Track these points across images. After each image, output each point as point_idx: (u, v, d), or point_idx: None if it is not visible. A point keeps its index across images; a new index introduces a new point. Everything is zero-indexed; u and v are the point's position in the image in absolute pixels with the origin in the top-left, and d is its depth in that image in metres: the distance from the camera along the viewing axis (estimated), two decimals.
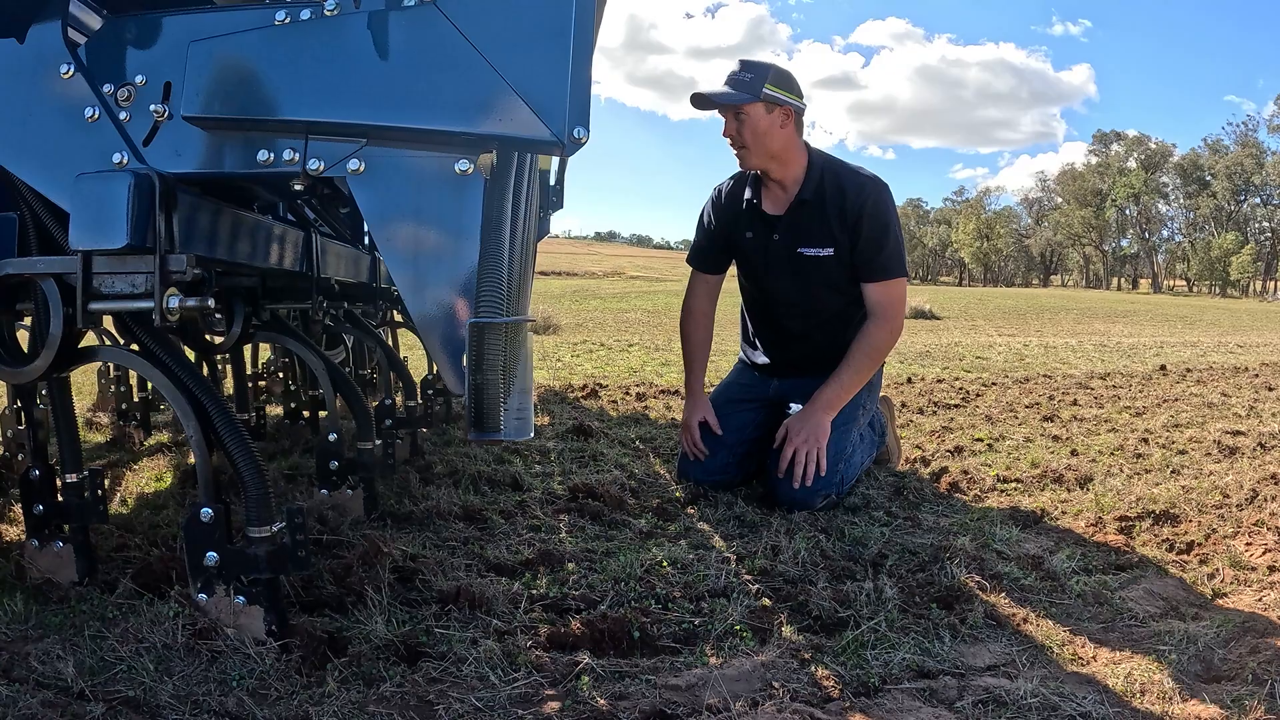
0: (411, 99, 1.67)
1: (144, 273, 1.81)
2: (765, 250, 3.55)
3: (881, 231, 3.38)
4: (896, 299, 3.45)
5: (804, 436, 3.24)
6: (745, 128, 3.31)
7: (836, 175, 3.43)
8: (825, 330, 3.57)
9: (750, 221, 3.58)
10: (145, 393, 4.49)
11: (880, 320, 3.43)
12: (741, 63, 3.31)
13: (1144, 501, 3.23)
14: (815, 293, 3.53)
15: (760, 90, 3.25)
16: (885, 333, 3.42)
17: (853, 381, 3.37)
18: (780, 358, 3.72)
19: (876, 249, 3.39)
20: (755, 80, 3.25)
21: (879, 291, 3.43)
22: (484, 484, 3.36)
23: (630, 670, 1.87)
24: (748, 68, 3.29)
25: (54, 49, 1.84)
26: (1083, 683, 1.85)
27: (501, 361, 1.64)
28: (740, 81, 3.27)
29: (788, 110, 3.34)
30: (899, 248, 3.45)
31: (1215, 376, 8.41)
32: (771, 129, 3.32)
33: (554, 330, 14.71)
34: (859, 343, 3.41)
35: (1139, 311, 32.10)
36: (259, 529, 1.86)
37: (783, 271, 3.55)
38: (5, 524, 2.72)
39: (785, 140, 3.37)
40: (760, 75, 3.26)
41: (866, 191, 3.38)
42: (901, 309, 3.49)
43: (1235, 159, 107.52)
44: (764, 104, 3.28)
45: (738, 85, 3.27)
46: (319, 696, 1.70)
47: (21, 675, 1.73)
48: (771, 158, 3.38)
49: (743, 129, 3.31)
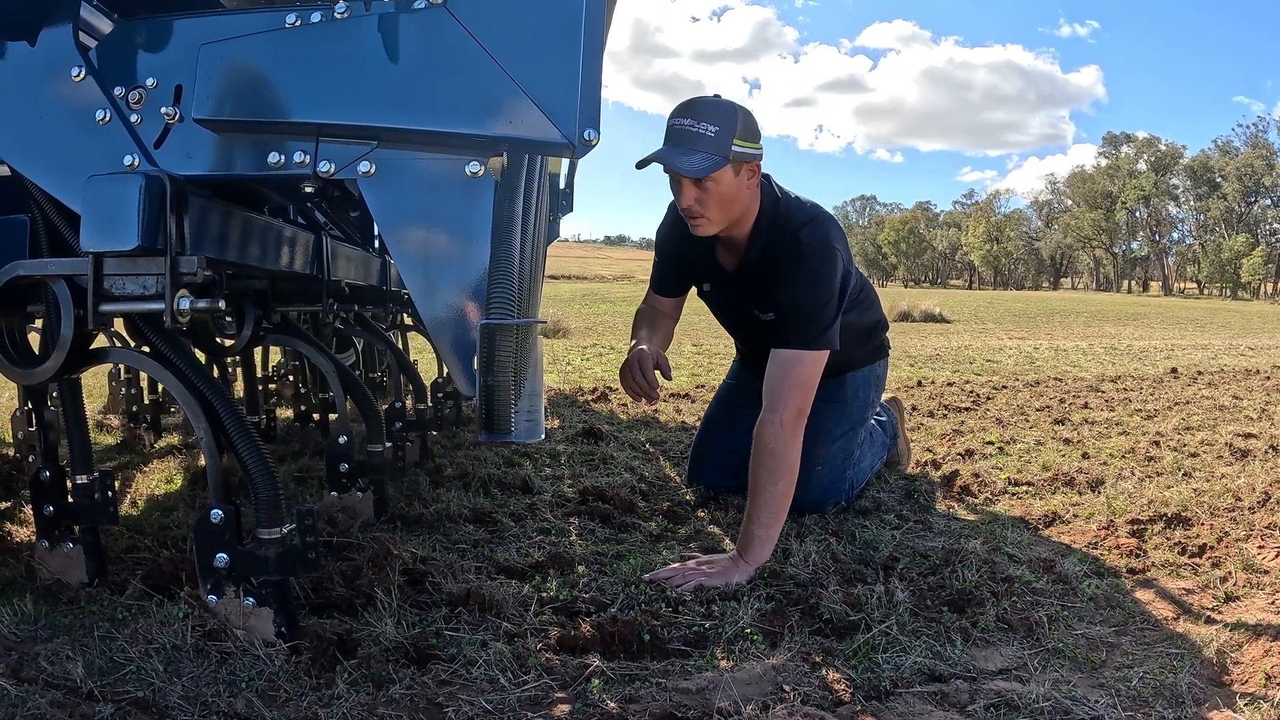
0: (422, 101, 1.67)
1: (155, 274, 1.81)
2: (725, 303, 3.20)
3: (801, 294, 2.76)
4: (797, 378, 2.70)
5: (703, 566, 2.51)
6: (711, 197, 2.65)
7: (782, 229, 2.83)
8: None
9: (707, 271, 3.12)
10: (155, 395, 4.50)
11: (771, 410, 2.68)
12: (695, 110, 2.58)
13: (1156, 505, 3.21)
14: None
15: (729, 149, 2.56)
16: (776, 427, 2.65)
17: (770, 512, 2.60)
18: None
19: (786, 309, 2.79)
20: (721, 136, 2.55)
21: (779, 362, 2.73)
22: (494, 487, 3.36)
23: (640, 673, 1.86)
24: (707, 116, 2.56)
25: (65, 52, 1.85)
26: (1095, 686, 1.84)
27: (513, 363, 1.64)
28: (704, 139, 2.54)
29: (754, 165, 2.71)
30: (820, 314, 2.74)
31: (1226, 379, 8.38)
32: (739, 191, 2.70)
33: (564, 334, 14.71)
34: (754, 453, 2.67)
35: (1149, 314, 31.98)
36: (269, 531, 1.86)
37: (743, 325, 3.27)
38: (15, 525, 2.72)
39: (750, 199, 2.79)
40: (727, 128, 2.56)
41: (799, 246, 2.79)
42: (801, 397, 2.70)
43: (1245, 160, 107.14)
44: (732, 165, 2.61)
45: (702, 144, 2.54)
46: (328, 698, 1.70)
47: (31, 675, 1.73)
48: (733, 222, 2.80)
49: (708, 199, 2.65)
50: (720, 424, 3.55)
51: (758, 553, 2.54)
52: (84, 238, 1.78)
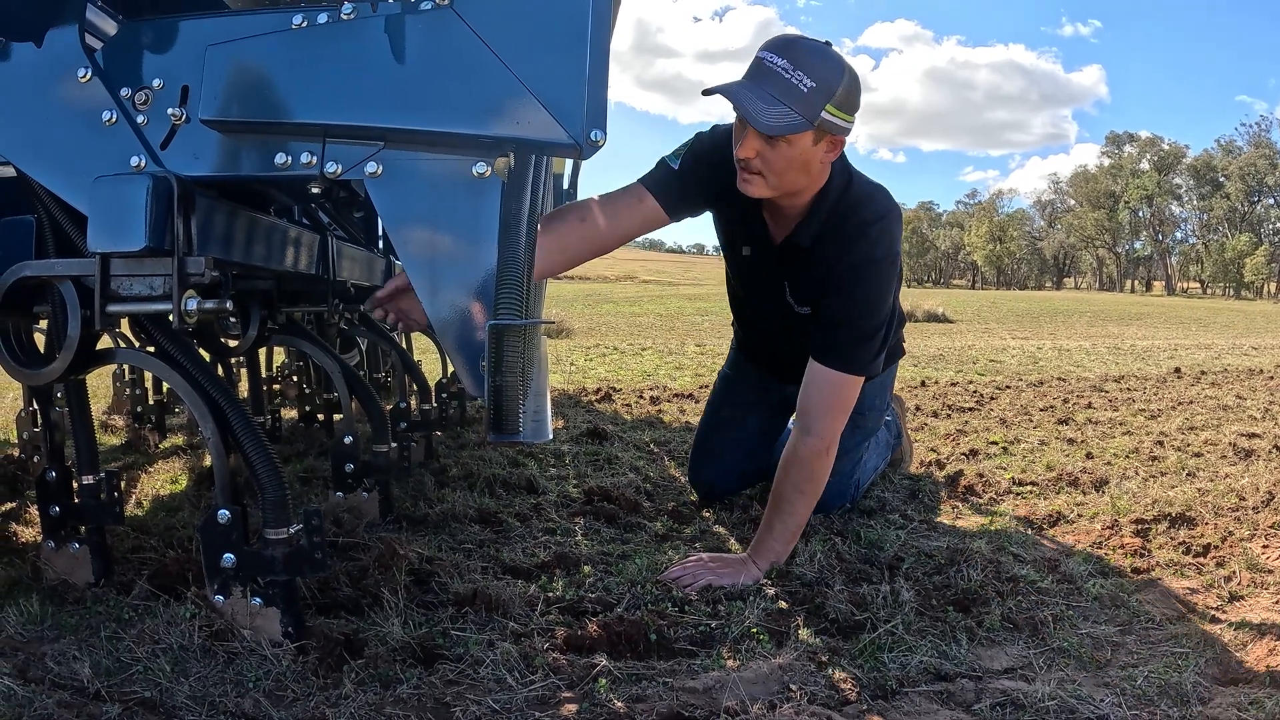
0: (428, 102, 1.67)
1: (162, 275, 1.81)
2: (757, 278, 2.88)
3: (857, 306, 2.53)
4: (842, 402, 2.55)
5: (711, 565, 2.45)
6: (778, 158, 2.32)
7: (845, 218, 2.52)
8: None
9: (749, 232, 2.75)
10: (160, 395, 4.51)
11: (815, 434, 2.53)
12: (796, 52, 2.21)
13: (1160, 504, 3.21)
14: (800, 341, 2.75)
15: (819, 114, 2.23)
16: (821, 453, 2.53)
17: (793, 529, 2.56)
18: (775, 366, 3.25)
19: (837, 321, 2.54)
20: (815, 95, 2.20)
21: (824, 382, 2.53)
22: (499, 487, 3.36)
23: (647, 673, 1.86)
24: (807, 66, 2.20)
25: (71, 53, 1.85)
26: (1100, 685, 1.84)
27: (520, 363, 1.64)
28: (795, 91, 2.19)
29: (838, 140, 2.37)
30: (876, 336, 2.55)
31: (1230, 379, 8.37)
32: (811, 162, 2.38)
33: (567, 334, 14.72)
34: (789, 473, 2.55)
35: (1153, 314, 31.98)
36: (276, 531, 1.86)
37: (768, 308, 2.92)
38: (21, 525, 2.73)
39: (819, 173, 2.47)
40: (825, 87, 2.21)
41: (863, 246, 2.51)
42: (843, 420, 2.57)
43: (1248, 160, 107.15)
44: (815, 131, 2.27)
45: (791, 97, 2.19)
46: (336, 698, 1.70)
47: (38, 676, 1.73)
48: (787, 192, 2.46)
49: (774, 159, 2.32)
50: (727, 425, 3.38)
51: (772, 558, 2.53)
52: (91, 238, 1.78)
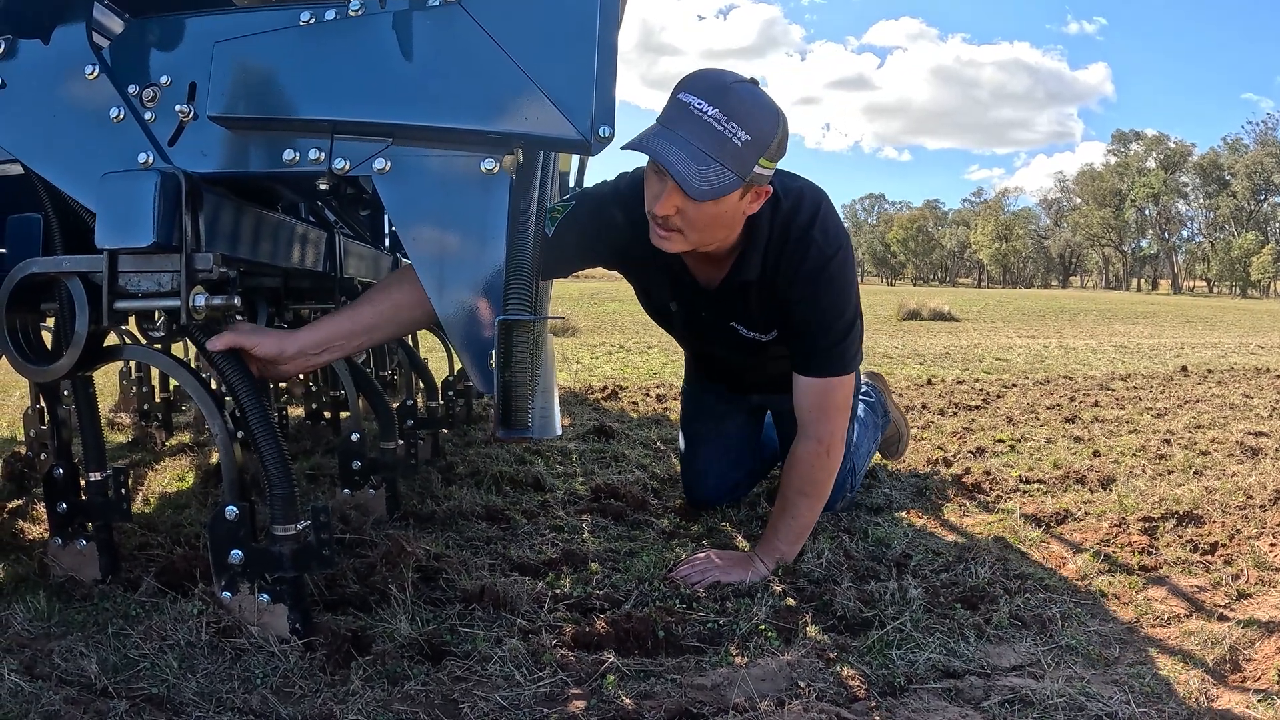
0: (437, 98, 1.67)
1: (170, 271, 1.81)
2: (697, 324, 2.77)
3: (826, 312, 2.45)
4: (836, 404, 2.54)
5: (719, 562, 2.45)
6: (701, 214, 2.13)
7: (785, 232, 2.40)
8: (780, 367, 2.68)
9: (674, 288, 2.65)
10: (167, 393, 4.51)
11: (812, 437, 2.53)
12: (731, 100, 2.00)
13: (1167, 502, 3.20)
14: (763, 361, 2.81)
15: (751, 170, 2.05)
16: (820, 455, 2.53)
17: (799, 531, 2.57)
18: (736, 385, 3.18)
19: (811, 332, 2.49)
20: (750, 149, 2.02)
21: (813, 392, 2.51)
22: (506, 484, 3.36)
23: (655, 669, 1.86)
24: (743, 116, 2.00)
25: (79, 50, 1.85)
26: (1108, 683, 1.84)
27: (529, 359, 1.64)
28: (729, 145, 1.99)
29: (764, 190, 2.22)
30: (851, 332, 2.51)
31: (1237, 378, 8.35)
32: (735, 215, 2.23)
33: (573, 332, 14.72)
34: (791, 477, 2.56)
35: (1159, 313, 31.90)
36: (284, 527, 1.86)
37: (720, 345, 2.82)
38: (28, 522, 2.73)
39: (739, 223, 2.31)
40: (760, 142, 2.03)
41: (813, 251, 2.39)
42: (841, 420, 2.57)
43: (1255, 158, 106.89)
44: (742, 186, 2.08)
45: (723, 152, 1.99)
46: (343, 694, 1.70)
47: (45, 672, 1.74)
48: (709, 242, 2.30)
49: (694, 218, 2.14)
50: (708, 439, 3.21)
51: (777, 559, 2.53)
52: (99, 235, 1.78)
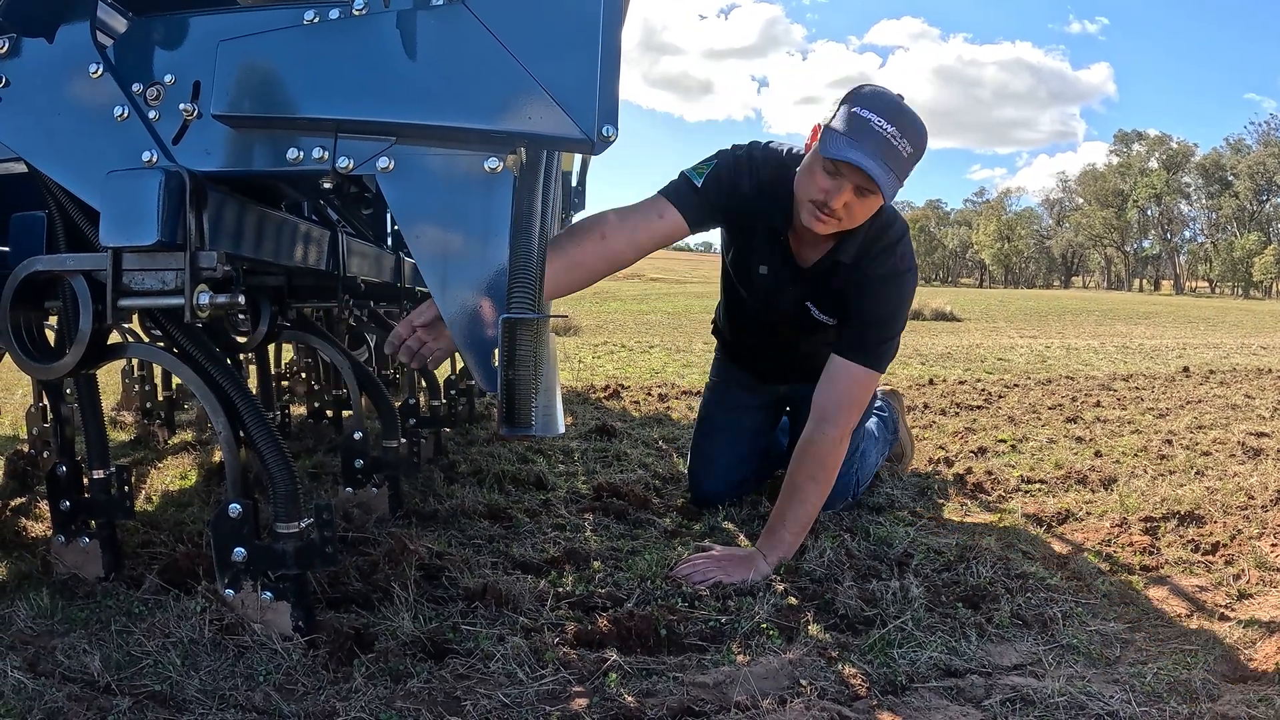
0: (440, 97, 1.67)
1: (174, 269, 1.81)
2: (774, 296, 2.95)
3: (885, 310, 2.69)
4: (858, 398, 2.70)
5: (721, 560, 2.49)
6: (864, 208, 2.49)
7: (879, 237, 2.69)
8: (819, 358, 2.80)
9: (770, 255, 2.86)
10: (170, 391, 4.52)
11: (831, 423, 2.64)
12: (903, 122, 2.36)
13: (1169, 503, 3.21)
14: (813, 342, 3.00)
15: (907, 177, 2.46)
16: (836, 442, 2.65)
17: (804, 519, 2.63)
18: (770, 370, 3.34)
19: (867, 323, 2.69)
20: (910, 161, 2.41)
21: (847, 376, 2.66)
22: (509, 483, 3.37)
23: (657, 668, 1.87)
24: (910, 135, 2.37)
25: (83, 49, 1.85)
26: (1109, 682, 1.84)
27: (532, 357, 1.65)
28: (900, 158, 2.37)
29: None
30: (894, 341, 2.73)
31: (1239, 378, 8.36)
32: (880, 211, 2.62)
33: (575, 332, 14.73)
34: (804, 461, 2.65)
35: (1161, 313, 31.91)
36: (287, 525, 1.87)
37: (783, 320, 3.01)
38: (32, 520, 2.74)
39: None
40: (917, 154, 2.42)
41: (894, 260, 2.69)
42: (858, 415, 2.75)
43: (1257, 158, 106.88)
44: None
45: (898, 164, 2.37)
46: (346, 692, 1.70)
47: (48, 669, 1.74)
48: (851, 227, 2.58)
49: (858, 210, 2.49)
50: (725, 428, 3.35)
51: (782, 552, 2.55)
52: (103, 233, 1.78)
